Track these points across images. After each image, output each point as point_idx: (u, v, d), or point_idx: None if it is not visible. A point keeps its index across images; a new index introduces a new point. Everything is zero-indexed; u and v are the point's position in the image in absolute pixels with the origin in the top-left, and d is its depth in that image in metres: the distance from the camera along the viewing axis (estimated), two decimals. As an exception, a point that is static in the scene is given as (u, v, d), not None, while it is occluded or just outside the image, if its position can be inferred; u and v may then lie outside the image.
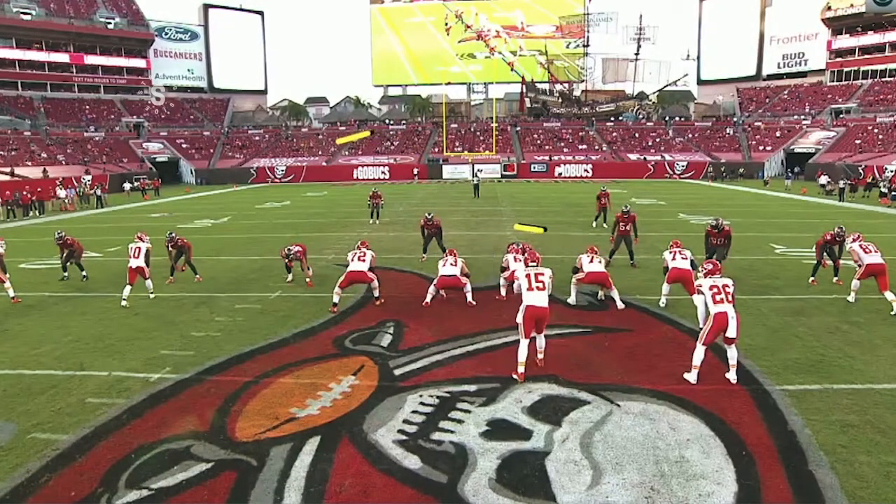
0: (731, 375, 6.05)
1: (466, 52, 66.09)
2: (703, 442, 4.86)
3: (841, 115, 51.83)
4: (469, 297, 9.09)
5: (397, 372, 6.32)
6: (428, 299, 9.10)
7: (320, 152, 54.35)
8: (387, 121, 62.61)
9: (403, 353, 6.88)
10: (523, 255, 8.77)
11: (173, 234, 11.26)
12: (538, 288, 6.23)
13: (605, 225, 16.94)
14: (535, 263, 6.64)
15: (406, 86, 69.52)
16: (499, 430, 5.01)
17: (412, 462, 4.56)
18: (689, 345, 7.20)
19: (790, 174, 38.81)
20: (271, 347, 7.25)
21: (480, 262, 12.23)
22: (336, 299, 8.82)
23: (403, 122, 61.80)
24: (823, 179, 32.12)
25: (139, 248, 9.94)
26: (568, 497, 4.10)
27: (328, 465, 4.56)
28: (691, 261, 8.84)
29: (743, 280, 10.24)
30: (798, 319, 8.21)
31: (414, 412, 5.37)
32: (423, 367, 6.45)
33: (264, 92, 70.67)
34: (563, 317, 8.26)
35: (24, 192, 28.02)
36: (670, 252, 8.98)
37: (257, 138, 57.38)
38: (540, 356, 6.43)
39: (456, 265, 9.15)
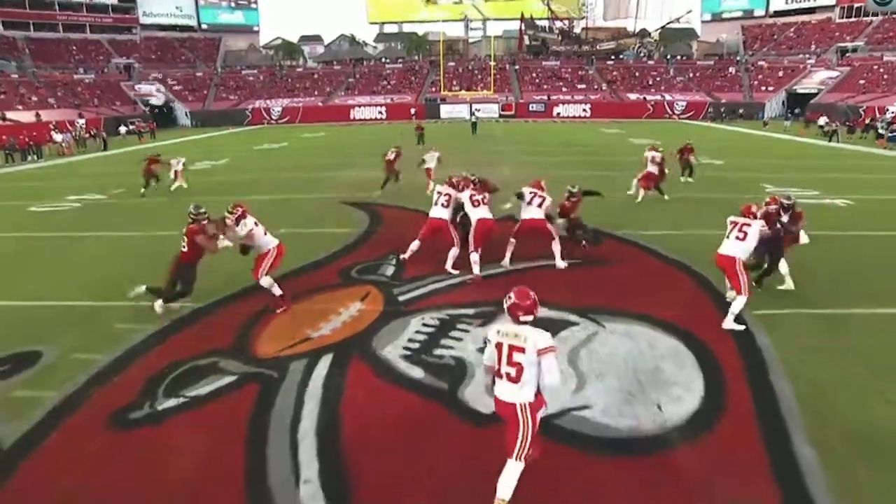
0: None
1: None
2: (678, 356, 5.39)
3: (847, 54, 50.54)
4: (449, 263, 7.62)
5: (401, 298, 6.82)
6: (406, 255, 7.98)
7: (316, 92, 53.40)
8: (383, 59, 61.07)
9: (406, 282, 7.36)
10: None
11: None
12: (508, 376, 3.38)
13: (690, 179, 14.99)
14: (529, 318, 3.44)
15: (402, 23, 67.38)
16: (494, 346, 5.53)
17: (417, 373, 5.11)
18: (673, 276, 7.72)
19: (789, 115, 38.54)
20: (282, 278, 7.69)
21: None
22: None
23: (400, 60, 60.33)
24: (822, 120, 31.81)
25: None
26: (552, 402, 4.64)
27: (342, 377, 5.10)
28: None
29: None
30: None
31: (417, 332, 5.89)
32: (424, 294, 6.96)
33: (256, 30, 68.47)
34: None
35: (21, 137, 27.86)
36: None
37: (251, 79, 56.20)
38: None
39: (448, 205, 7.72)
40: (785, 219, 6.93)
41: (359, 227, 10.21)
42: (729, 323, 6.00)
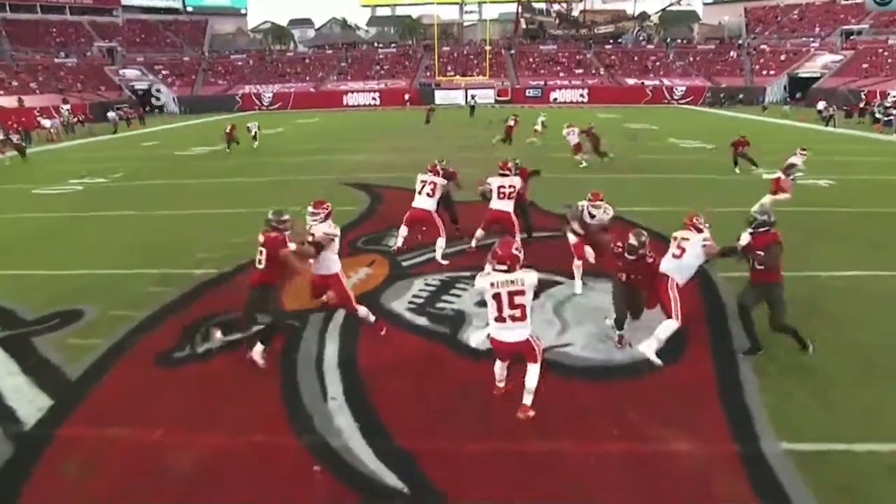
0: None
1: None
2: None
3: (851, 37, 50.93)
4: (438, 254, 7.91)
5: (405, 264, 7.84)
6: (399, 242, 8.20)
7: (307, 77, 54.03)
8: (375, 43, 61.72)
9: (409, 250, 8.36)
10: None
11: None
12: (513, 318, 4.28)
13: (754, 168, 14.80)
14: (504, 266, 4.31)
15: (395, 5, 67.96)
16: (489, 300, 6.52)
17: (422, 321, 6.11)
18: (661, 246, 8.69)
19: (788, 99, 39.54)
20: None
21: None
22: None
23: (393, 44, 61.00)
24: (821, 105, 32.36)
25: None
26: (541, 341, 5.65)
27: (356, 325, 6.07)
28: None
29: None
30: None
31: (421, 290, 6.92)
32: (426, 261, 7.99)
33: (244, 13, 68.86)
34: (544, 224, 9.65)
35: (10, 122, 28.53)
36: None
37: (240, 63, 56.69)
38: (527, 401, 4.56)
39: (433, 194, 7.89)
40: (745, 239, 5.36)
41: (361, 205, 11.21)
42: (649, 348, 5.25)
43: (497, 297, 4.30)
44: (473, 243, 8.31)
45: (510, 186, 7.82)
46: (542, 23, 60.59)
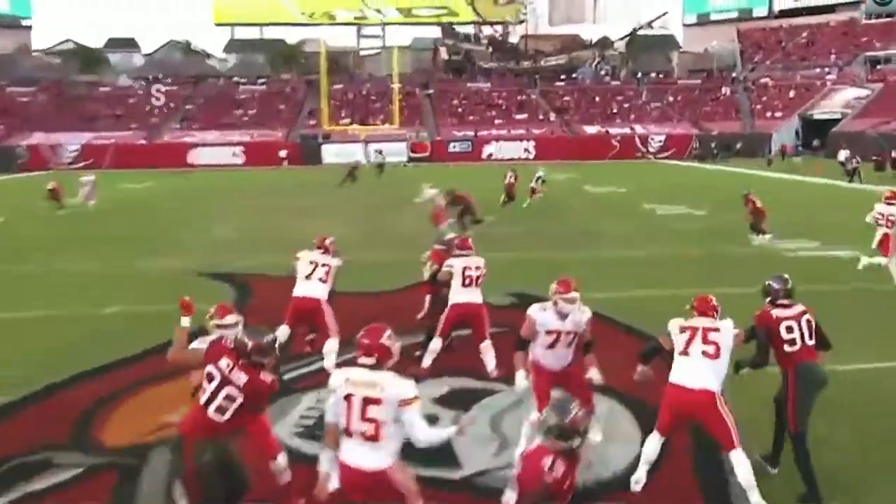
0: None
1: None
2: (612, 415, 7.22)
3: (879, 66, 56.37)
4: (329, 360, 8.35)
5: (287, 377, 8.31)
6: (279, 336, 7.75)
7: (134, 124, 54.31)
8: (236, 78, 63.46)
9: (292, 360, 8.94)
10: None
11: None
12: (363, 435, 4.18)
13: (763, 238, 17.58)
14: (369, 360, 4.31)
15: (264, 26, 70.53)
16: (402, 416, 7.10)
17: (313, 448, 6.56)
18: (624, 344, 9.63)
19: (798, 148, 43.77)
20: (136, 359, 9.06)
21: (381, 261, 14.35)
22: None
23: (262, 79, 62.85)
24: (843, 155, 35.26)
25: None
26: (474, 463, 6.26)
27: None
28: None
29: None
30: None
31: (310, 408, 7.49)
32: (315, 371, 8.58)
33: (28, 26, 68.96)
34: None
35: None
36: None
37: (25, 99, 56.40)
38: None
39: (327, 279, 8.83)
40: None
41: (224, 300, 11.61)
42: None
43: (348, 399, 4.22)
44: (427, 361, 8.48)
45: (477, 269, 8.53)
46: (469, 52, 64.31)
